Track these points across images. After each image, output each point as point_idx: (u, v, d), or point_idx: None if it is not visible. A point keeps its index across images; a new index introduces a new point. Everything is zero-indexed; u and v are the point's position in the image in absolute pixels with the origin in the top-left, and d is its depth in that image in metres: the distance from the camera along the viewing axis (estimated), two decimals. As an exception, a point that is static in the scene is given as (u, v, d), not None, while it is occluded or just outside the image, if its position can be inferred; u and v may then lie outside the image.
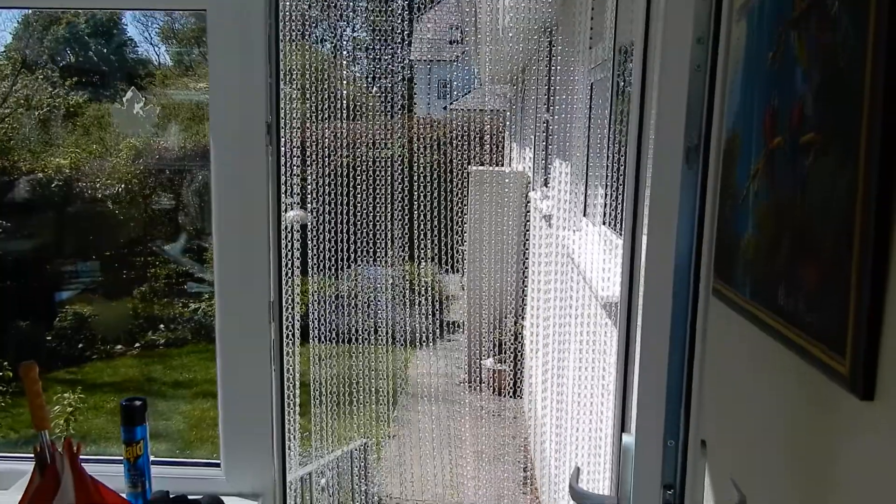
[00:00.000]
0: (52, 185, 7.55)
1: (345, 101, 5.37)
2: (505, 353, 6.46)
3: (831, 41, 0.94)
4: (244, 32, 1.60)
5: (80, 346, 7.06)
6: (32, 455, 1.52)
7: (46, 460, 1.48)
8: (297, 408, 2.32)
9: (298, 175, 4.35)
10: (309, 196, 4.91)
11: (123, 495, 1.61)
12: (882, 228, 0.78)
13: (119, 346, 7.28)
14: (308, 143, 5.05)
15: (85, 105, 8.67)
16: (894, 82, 0.78)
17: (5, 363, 5.39)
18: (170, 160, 8.06)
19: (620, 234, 2.63)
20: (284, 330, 1.76)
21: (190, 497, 1.67)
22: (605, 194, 3.06)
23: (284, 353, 1.76)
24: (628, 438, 0.87)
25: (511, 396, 6.32)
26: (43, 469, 1.48)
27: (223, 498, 1.68)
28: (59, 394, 5.42)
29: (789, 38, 1.09)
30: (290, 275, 1.91)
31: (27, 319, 7.03)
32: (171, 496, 1.66)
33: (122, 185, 7.62)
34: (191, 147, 8.23)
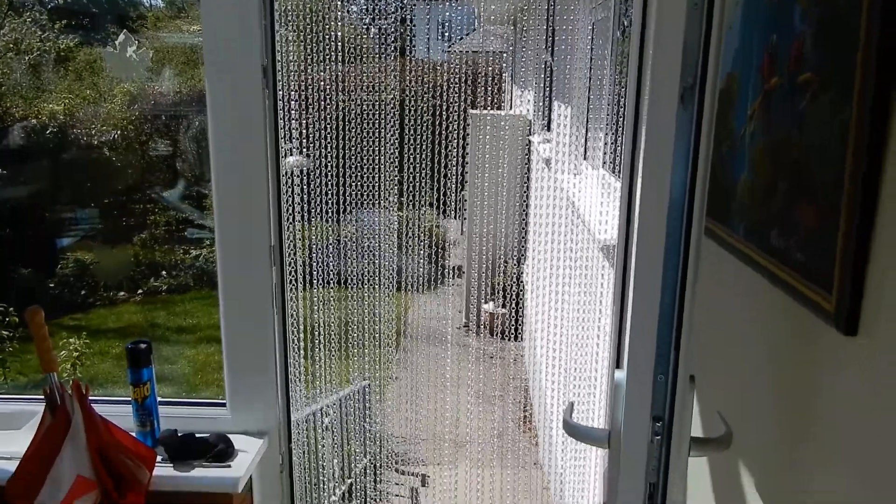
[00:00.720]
0: (47, 132, 7.49)
1: (341, 44, 5.27)
2: (505, 296, 6.52)
3: (830, -22, 0.93)
4: (237, -28, 1.57)
5: (83, 292, 7.12)
6: (42, 396, 1.57)
7: (56, 401, 1.53)
8: (303, 350, 2.37)
9: (296, 119, 4.32)
10: (304, 141, 4.87)
11: (133, 434, 1.66)
12: (872, 169, 0.79)
13: (122, 293, 7.35)
14: (303, 87, 4.99)
15: (76, 49, 8.51)
16: (890, 25, 0.78)
17: (11, 309, 5.44)
18: (165, 105, 7.97)
19: (619, 177, 2.63)
20: (286, 274, 1.78)
21: (198, 435, 1.72)
22: (606, 137, 3.05)
23: (286, 296, 1.78)
24: (620, 374, 0.89)
25: (511, 339, 6.41)
26: (53, 409, 1.53)
27: (230, 436, 1.73)
28: (64, 339, 5.49)
29: (789, -24, 1.08)
30: (290, 220, 1.92)
31: (28, 267, 7.07)
32: (179, 434, 1.71)
33: (119, 132, 7.55)
34: (186, 92, 8.11)
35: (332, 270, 4.96)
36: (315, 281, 4.64)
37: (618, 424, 0.87)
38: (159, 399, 1.75)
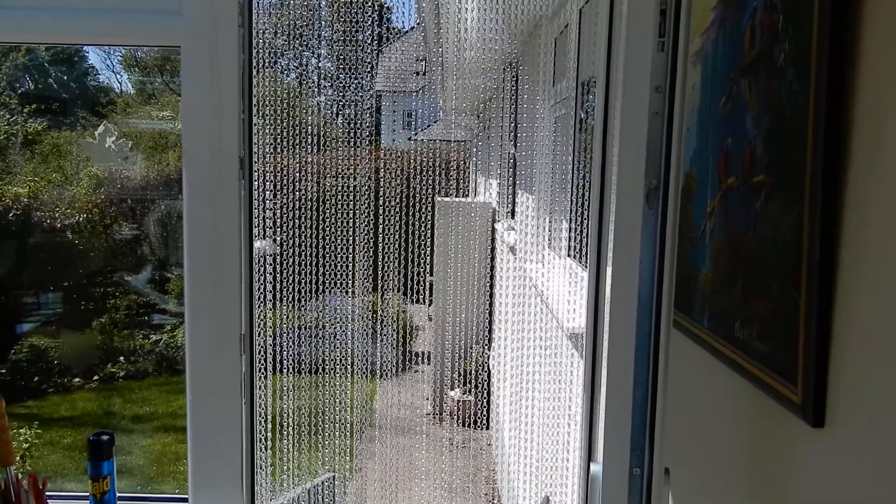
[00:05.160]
0: (10, 215, 7.40)
1: (310, 130, 5.41)
2: (471, 383, 6.47)
3: (778, 90, 1.01)
4: (218, 69, 1.63)
5: (36, 379, 6.87)
6: (-6, 493, 1.50)
7: (11, 497, 1.46)
8: (269, 441, 2.31)
9: (263, 205, 4.36)
10: (271, 226, 4.90)
11: (89, 533, 1.59)
12: (827, 263, 0.84)
13: (77, 380, 7.10)
14: (272, 174, 5.06)
15: (44, 133, 8.53)
16: (833, 130, 0.85)
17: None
18: (132, 189, 7.97)
19: (585, 266, 2.70)
20: (255, 362, 1.76)
21: (157, 533, 1.65)
22: (570, 227, 3.14)
23: (255, 385, 1.76)
24: (595, 467, 0.90)
25: (477, 427, 6.32)
26: (7, 507, 1.46)
27: (191, 534, 1.66)
28: (13, 429, 5.24)
29: (740, 85, 1.17)
30: (262, 306, 1.93)
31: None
32: (137, 533, 1.64)
33: (84, 215, 7.50)
34: (153, 176, 8.15)
35: (295, 356, 4.89)
36: (277, 368, 4.57)
37: (595, 519, 0.87)
38: (119, 494, 1.68)
